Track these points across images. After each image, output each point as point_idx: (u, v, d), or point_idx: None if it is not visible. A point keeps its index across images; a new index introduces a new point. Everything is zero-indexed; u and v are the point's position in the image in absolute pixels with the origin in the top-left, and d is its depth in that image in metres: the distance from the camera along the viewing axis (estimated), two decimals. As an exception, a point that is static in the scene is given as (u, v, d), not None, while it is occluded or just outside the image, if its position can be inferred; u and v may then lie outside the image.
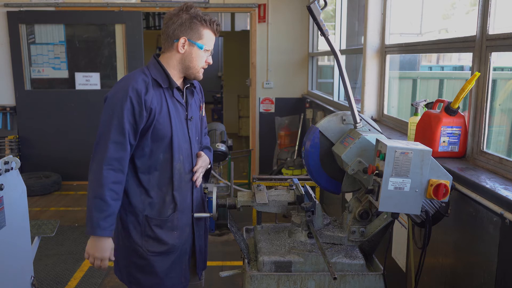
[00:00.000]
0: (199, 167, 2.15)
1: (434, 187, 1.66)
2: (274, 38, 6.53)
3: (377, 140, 1.79)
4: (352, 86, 3.33)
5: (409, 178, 1.67)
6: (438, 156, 2.23)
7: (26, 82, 6.42)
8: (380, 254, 2.10)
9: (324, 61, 6.40)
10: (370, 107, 3.72)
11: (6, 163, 2.54)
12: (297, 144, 6.31)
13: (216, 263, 3.96)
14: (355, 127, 2.01)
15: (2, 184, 2.48)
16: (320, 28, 1.94)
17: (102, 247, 1.95)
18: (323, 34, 1.95)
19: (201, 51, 2.00)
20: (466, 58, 3.33)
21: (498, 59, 2.21)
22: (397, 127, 3.27)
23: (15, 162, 2.60)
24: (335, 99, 5.05)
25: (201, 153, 2.19)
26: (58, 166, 6.47)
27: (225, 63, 10.48)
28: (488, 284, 1.80)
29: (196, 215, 2.09)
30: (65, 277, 3.77)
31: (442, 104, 2.27)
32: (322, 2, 1.94)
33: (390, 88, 3.68)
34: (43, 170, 6.43)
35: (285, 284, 1.87)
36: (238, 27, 12.32)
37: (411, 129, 2.56)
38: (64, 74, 6.49)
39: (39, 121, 6.46)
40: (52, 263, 4.02)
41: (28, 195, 2.91)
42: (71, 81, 6.50)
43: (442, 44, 2.77)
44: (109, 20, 6.42)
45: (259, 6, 6.43)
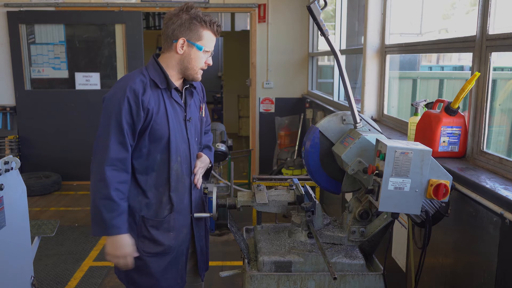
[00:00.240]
0: (199, 168, 2.15)
1: (434, 187, 1.66)
2: (274, 38, 6.53)
3: (377, 140, 1.79)
4: (352, 86, 3.32)
5: (409, 178, 1.67)
6: (438, 156, 2.23)
7: (26, 82, 6.42)
8: (380, 254, 2.10)
9: (324, 61, 6.40)
10: (370, 107, 3.72)
11: (6, 163, 2.54)
12: (297, 144, 6.31)
13: (216, 263, 3.96)
14: (355, 127, 2.01)
15: (2, 184, 2.48)
16: (320, 28, 1.94)
17: (122, 244, 1.93)
18: (323, 34, 1.95)
19: (200, 52, 1.99)
20: (466, 58, 3.32)
21: (498, 59, 2.21)
22: (397, 127, 3.27)
23: (15, 162, 2.60)
24: (335, 99, 5.05)
25: (201, 154, 2.19)
26: (58, 166, 6.47)
27: (225, 63, 10.47)
28: (488, 284, 1.80)
29: (196, 215, 2.09)
30: (65, 277, 3.77)
31: (442, 104, 2.27)
32: (322, 2, 1.93)
33: (390, 88, 3.68)
34: (43, 170, 6.44)
35: (285, 284, 1.87)
36: (238, 27, 12.31)
37: (411, 129, 2.56)
38: (64, 74, 6.49)
39: (39, 121, 6.46)
40: (52, 263, 4.01)
41: (28, 195, 2.91)
42: (71, 81, 6.50)
43: (442, 44, 2.77)
44: (109, 20, 6.42)
45: (259, 6, 6.43)
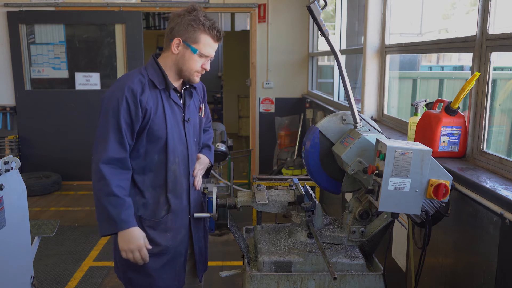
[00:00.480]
0: (198, 171, 2.16)
1: (434, 187, 1.66)
2: (274, 38, 6.52)
3: (377, 140, 1.79)
4: (352, 86, 3.32)
5: (409, 178, 1.67)
6: (438, 156, 2.23)
7: (26, 82, 6.42)
8: (380, 254, 2.10)
9: (324, 61, 6.40)
10: (370, 107, 3.72)
11: (6, 163, 2.54)
12: (297, 144, 6.30)
13: (216, 263, 3.96)
14: (355, 127, 2.01)
15: (2, 184, 2.48)
16: (320, 28, 1.94)
17: (133, 237, 1.93)
18: (323, 34, 1.95)
19: (195, 55, 1.96)
20: (466, 58, 3.32)
21: (498, 59, 2.21)
22: (397, 127, 3.27)
23: (15, 162, 2.60)
24: (335, 99, 5.05)
25: (199, 156, 2.19)
26: (58, 166, 6.47)
27: (225, 63, 10.47)
28: (488, 284, 1.80)
29: (196, 215, 2.09)
30: (65, 277, 3.77)
31: (442, 104, 2.27)
32: (322, 2, 1.93)
33: (390, 88, 3.68)
34: (43, 170, 6.43)
35: (285, 284, 1.87)
36: (238, 27, 12.31)
37: (411, 129, 2.56)
38: (64, 74, 6.49)
39: (39, 121, 6.46)
40: (52, 263, 4.01)
41: (28, 195, 2.90)
42: (71, 81, 6.50)
43: (442, 44, 2.77)
44: (109, 20, 6.42)
45: (259, 6, 6.43)
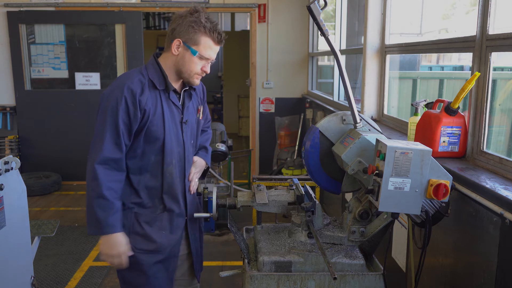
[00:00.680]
0: (194, 174, 2.15)
1: (434, 187, 1.66)
2: (274, 38, 6.53)
3: (377, 140, 1.79)
4: (352, 86, 3.32)
5: (409, 178, 1.67)
6: (438, 156, 2.23)
7: (26, 82, 6.42)
8: (380, 254, 2.10)
9: (324, 61, 6.40)
10: (370, 107, 3.72)
11: (6, 163, 2.54)
12: (297, 144, 6.30)
13: (216, 263, 3.96)
14: (355, 127, 2.01)
15: (2, 184, 2.48)
16: (320, 28, 1.94)
17: (116, 243, 1.92)
18: (323, 34, 1.95)
19: (195, 57, 1.95)
20: (466, 58, 3.32)
21: (498, 59, 2.21)
22: (397, 127, 3.27)
23: (15, 162, 2.60)
24: (335, 99, 5.05)
25: (195, 159, 2.18)
26: (58, 166, 6.47)
27: (225, 63, 10.47)
28: (488, 284, 1.80)
29: (196, 215, 2.09)
30: (65, 277, 3.77)
31: (442, 104, 2.27)
32: (322, 2, 1.93)
33: (390, 88, 3.68)
34: (43, 170, 6.43)
35: (285, 284, 1.87)
36: (238, 27, 12.32)
37: (411, 129, 2.56)
38: (64, 74, 6.49)
39: (39, 121, 6.46)
40: (52, 263, 4.01)
41: (28, 195, 2.91)
42: (71, 81, 6.50)
43: (442, 44, 2.77)
44: (109, 20, 6.42)
45: (259, 6, 6.43)
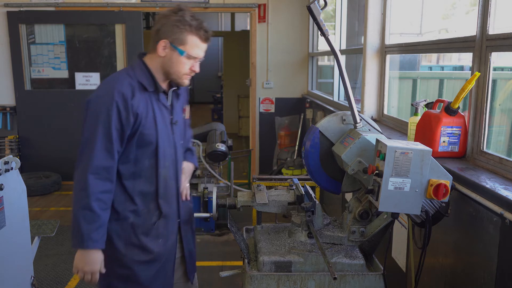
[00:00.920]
0: (185, 181, 2.12)
1: (434, 187, 1.66)
2: (274, 38, 6.52)
3: (377, 140, 1.79)
4: (352, 86, 3.32)
5: (409, 178, 1.67)
6: (438, 156, 2.23)
7: (26, 82, 6.42)
8: (380, 254, 2.10)
9: (324, 61, 6.40)
10: (370, 107, 3.72)
11: (6, 163, 2.54)
12: (297, 144, 6.30)
13: (216, 263, 3.96)
14: (355, 127, 2.01)
15: (2, 184, 2.48)
16: (320, 28, 1.94)
17: (92, 260, 1.85)
18: (323, 34, 1.95)
19: (183, 57, 1.89)
20: (466, 58, 3.32)
21: (498, 59, 2.21)
22: (397, 127, 3.27)
23: (15, 162, 2.60)
24: (335, 99, 5.05)
25: (183, 165, 2.14)
26: (58, 166, 6.46)
27: (225, 63, 10.47)
28: (488, 284, 1.80)
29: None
30: (65, 277, 3.77)
31: (442, 104, 2.27)
32: (322, 2, 1.93)
33: (390, 88, 3.68)
34: (43, 170, 6.43)
35: (285, 284, 1.87)
36: (238, 27, 12.31)
37: (411, 129, 2.56)
38: (64, 74, 6.49)
39: (39, 121, 6.46)
40: (52, 263, 4.01)
41: (28, 195, 2.90)
42: (71, 81, 6.50)
43: (442, 44, 2.77)
44: (109, 20, 6.42)
45: (259, 6, 6.43)
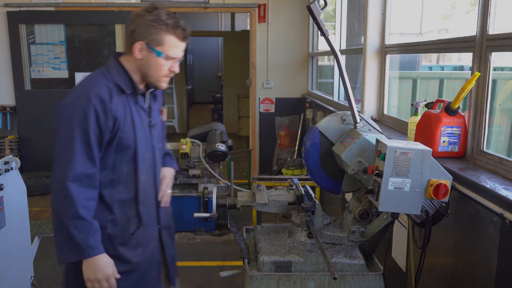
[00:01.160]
0: (166, 187, 2.04)
1: (434, 187, 1.66)
2: (274, 38, 6.52)
3: (377, 140, 1.79)
4: (352, 86, 3.32)
5: (409, 178, 1.67)
6: (438, 156, 2.23)
7: (26, 82, 6.42)
8: (380, 254, 2.10)
9: (324, 61, 6.40)
10: (370, 107, 3.72)
11: (6, 163, 2.54)
12: (297, 144, 6.30)
13: (216, 263, 3.96)
14: (355, 127, 2.01)
15: (2, 184, 2.48)
16: (320, 28, 1.94)
17: (102, 266, 1.75)
18: (323, 34, 1.95)
19: (160, 59, 1.79)
20: (466, 58, 3.33)
21: (498, 59, 2.21)
22: (397, 127, 3.27)
23: (15, 162, 2.60)
24: (335, 99, 5.05)
25: (163, 172, 2.06)
26: (58, 166, 6.46)
27: (225, 63, 10.47)
28: (488, 284, 1.80)
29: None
30: (65, 277, 3.77)
31: (442, 104, 2.27)
32: (322, 2, 1.93)
33: (390, 88, 3.68)
34: (43, 170, 6.42)
35: (285, 284, 1.87)
36: (238, 27, 12.30)
37: (411, 129, 2.56)
38: (64, 74, 6.49)
39: (39, 121, 6.45)
40: (52, 263, 4.01)
41: (28, 195, 2.90)
42: (71, 81, 6.49)
43: (442, 44, 2.77)
44: (109, 20, 6.42)
45: (259, 6, 6.42)
